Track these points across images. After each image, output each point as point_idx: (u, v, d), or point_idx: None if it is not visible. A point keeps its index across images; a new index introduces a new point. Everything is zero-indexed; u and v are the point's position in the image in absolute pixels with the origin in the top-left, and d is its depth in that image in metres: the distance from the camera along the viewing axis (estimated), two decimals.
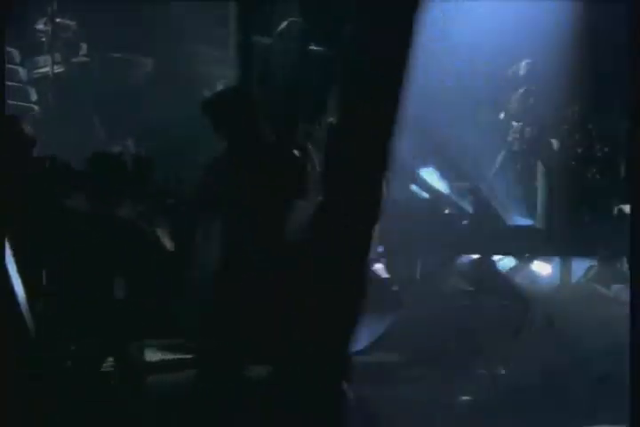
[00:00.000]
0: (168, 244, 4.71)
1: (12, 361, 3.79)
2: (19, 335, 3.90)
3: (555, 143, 8.43)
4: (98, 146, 6.91)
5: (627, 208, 8.31)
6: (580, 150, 8.73)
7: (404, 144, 9.56)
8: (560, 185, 8.31)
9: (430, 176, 8.42)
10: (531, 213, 8.31)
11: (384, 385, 6.05)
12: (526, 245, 7.87)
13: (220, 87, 7.90)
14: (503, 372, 6.44)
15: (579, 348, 6.16)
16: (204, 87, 8.13)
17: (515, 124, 8.49)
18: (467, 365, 6.68)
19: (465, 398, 5.95)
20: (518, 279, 7.69)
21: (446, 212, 8.24)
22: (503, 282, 7.40)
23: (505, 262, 7.88)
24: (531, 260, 7.89)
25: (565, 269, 7.80)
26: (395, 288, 6.78)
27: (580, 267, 7.90)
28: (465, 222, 8.05)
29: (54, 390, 4.24)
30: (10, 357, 3.79)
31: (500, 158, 8.45)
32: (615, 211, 8.34)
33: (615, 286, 7.44)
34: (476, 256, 7.72)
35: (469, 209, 8.14)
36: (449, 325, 7.01)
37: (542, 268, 7.99)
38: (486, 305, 7.17)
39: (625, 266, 7.64)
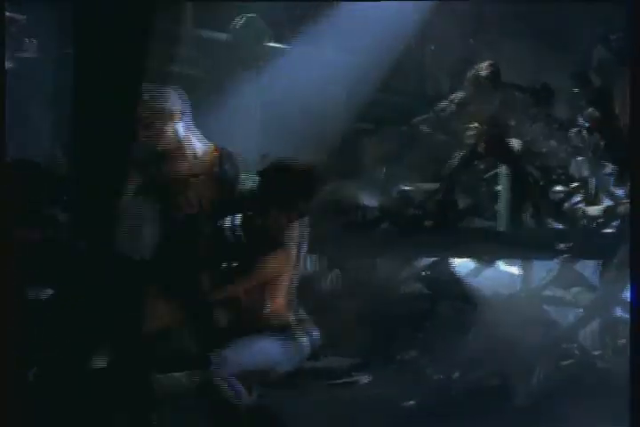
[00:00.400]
0: None
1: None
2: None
3: (517, 144, 8.34)
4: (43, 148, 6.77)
5: (590, 210, 8.23)
6: (543, 151, 8.67)
7: (366, 144, 9.48)
8: (522, 187, 8.23)
9: (392, 177, 8.38)
10: (493, 215, 8.22)
11: (333, 389, 5.95)
12: (487, 248, 7.75)
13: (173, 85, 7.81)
14: (457, 375, 6.34)
15: (528, 351, 6.04)
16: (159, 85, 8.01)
17: (476, 124, 8.40)
18: (420, 369, 6.59)
19: (412, 402, 5.83)
20: (478, 282, 7.57)
21: (407, 213, 8.17)
22: (459, 285, 7.29)
23: (465, 265, 7.76)
24: (492, 262, 7.76)
25: (526, 272, 7.69)
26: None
27: (541, 270, 7.80)
28: (425, 224, 7.97)
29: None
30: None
31: (460, 159, 8.36)
32: (578, 213, 8.26)
33: (574, 289, 7.34)
34: (434, 259, 7.62)
35: (430, 210, 8.05)
36: (403, 328, 6.93)
37: (504, 270, 7.88)
38: (441, 309, 7.07)
39: (585, 269, 7.57)
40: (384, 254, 7.59)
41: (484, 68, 8.19)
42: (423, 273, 7.52)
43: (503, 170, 8.28)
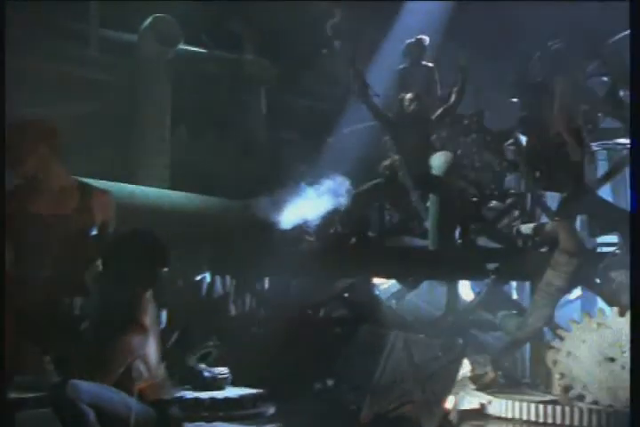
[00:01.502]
0: None
1: None
2: None
3: (446, 158, 8.01)
4: None
5: (524, 228, 7.92)
6: (476, 165, 8.38)
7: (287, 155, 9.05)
8: (452, 207, 7.93)
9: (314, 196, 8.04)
10: (422, 233, 7.88)
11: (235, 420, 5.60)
12: (413, 268, 7.38)
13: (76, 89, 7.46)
14: (372, 404, 5.95)
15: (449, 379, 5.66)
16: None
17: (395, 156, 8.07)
18: (335, 398, 6.21)
19: None
20: (402, 305, 7.23)
21: (331, 232, 7.83)
22: (381, 309, 6.92)
23: (389, 286, 7.41)
24: (417, 284, 7.40)
25: (452, 294, 7.34)
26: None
27: (469, 291, 7.48)
28: (349, 243, 7.62)
29: None
30: None
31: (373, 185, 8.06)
32: (513, 232, 7.95)
33: (501, 313, 7.00)
34: (356, 280, 7.24)
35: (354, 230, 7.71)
36: (320, 355, 6.54)
37: (430, 292, 7.53)
38: (361, 333, 6.69)
39: (513, 292, 7.27)
40: (302, 275, 7.22)
41: (407, 99, 7.90)
42: (344, 295, 7.12)
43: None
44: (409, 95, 7.85)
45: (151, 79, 7.87)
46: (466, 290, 7.87)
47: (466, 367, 5.85)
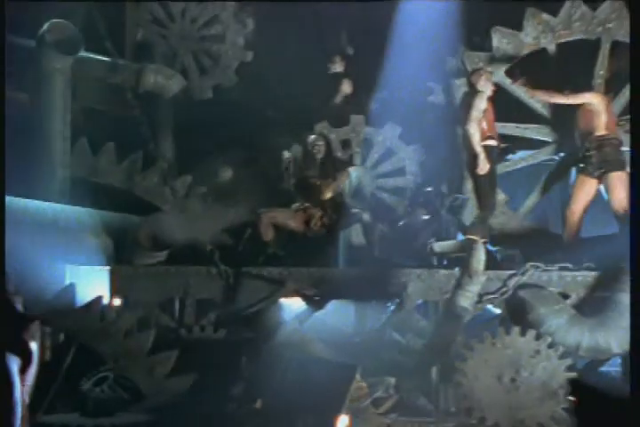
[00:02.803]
0: None
1: None
2: None
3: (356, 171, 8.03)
4: None
5: (437, 246, 7.92)
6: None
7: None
8: (358, 226, 7.93)
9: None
10: (334, 252, 7.85)
11: None
12: (322, 287, 7.32)
13: None
14: None
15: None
16: None
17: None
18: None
19: None
20: (307, 326, 7.15)
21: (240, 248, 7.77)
22: (284, 330, 6.85)
23: (294, 306, 7.33)
24: (324, 304, 7.34)
25: (360, 315, 7.31)
26: None
27: (377, 312, 7.44)
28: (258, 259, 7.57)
29: None
30: None
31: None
32: (428, 250, 7.94)
33: (410, 334, 6.98)
34: (260, 299, 7.16)
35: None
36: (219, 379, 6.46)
37: (338, 313, 7.47)
38: (263, 355, 6.61)
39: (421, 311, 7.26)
40: (203, 293, 7.12)
41: (311, 143, 7.94)
42: (246, 313, 7.04)
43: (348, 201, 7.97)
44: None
45: (50, 87, 7.70)
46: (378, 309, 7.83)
47: (364, 390, 5.79)
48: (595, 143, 7.46)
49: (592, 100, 7.49)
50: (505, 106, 7.84)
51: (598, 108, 7.45)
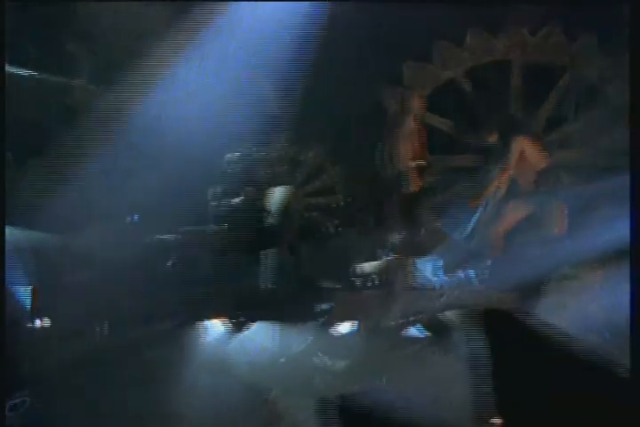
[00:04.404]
0: None
1: None
2: None
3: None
4: None
5: (364, 266, 8.01)
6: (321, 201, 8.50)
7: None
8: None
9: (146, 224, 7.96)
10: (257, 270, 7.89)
11: None
12: (245, 308, 7.37)
13: None
14: None
15: None
16: None
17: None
18: None
19: None
20: (229, 348, 7.17)
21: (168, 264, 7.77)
22: (206, 352, 6.86)
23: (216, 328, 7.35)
24: (247, 325, 7.37)
25: (285, 336, 7.34)
26: None
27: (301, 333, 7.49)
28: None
29: None
30: None
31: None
32: (353, 270, 8.02)
33: (332, 356, 7.02)
34: (180, 320, 7.17)
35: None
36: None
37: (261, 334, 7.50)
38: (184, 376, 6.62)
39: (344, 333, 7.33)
40: (119, 313, 7.11)
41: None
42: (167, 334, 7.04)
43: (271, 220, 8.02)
44: None
45: None
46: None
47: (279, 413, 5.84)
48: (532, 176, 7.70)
49: (523, 146, 7.73)
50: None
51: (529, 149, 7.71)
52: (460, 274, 7.94)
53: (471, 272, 7.85)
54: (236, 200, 7.93)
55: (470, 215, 8.33)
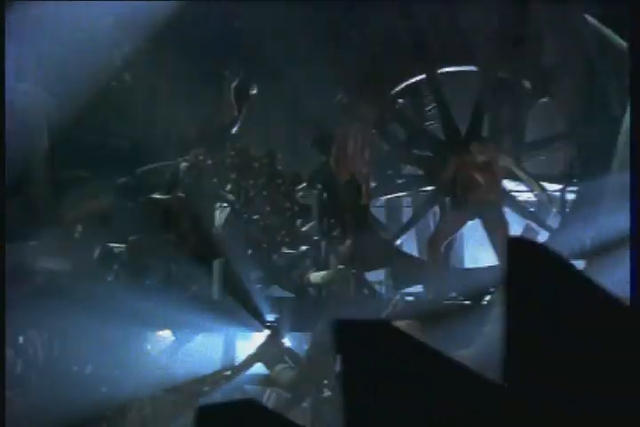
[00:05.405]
0: None
1: None
2: None
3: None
4: None
5: (313, 277, 8.03)
6: (267, 210, 8.48)
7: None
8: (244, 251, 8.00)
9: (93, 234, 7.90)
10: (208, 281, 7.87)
11: None
12: (191, 319, 7.33)
13: None
14: None
15: None
16: None
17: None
18: None
19: None
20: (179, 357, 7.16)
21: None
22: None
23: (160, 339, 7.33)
24: (191, 337, 7.36)
25: (230, 347, 7.36)
26: None
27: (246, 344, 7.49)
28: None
29: None
30: None
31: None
32: (305, 280, 8.04)
33: (278, 366, 7.03)
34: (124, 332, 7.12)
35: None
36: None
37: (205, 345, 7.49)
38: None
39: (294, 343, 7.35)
40: (62, 325, 7.05)
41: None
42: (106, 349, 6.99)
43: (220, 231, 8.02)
44: None
45: None
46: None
47: None
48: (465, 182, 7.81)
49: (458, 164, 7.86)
50: None
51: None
52: (407, 285, 8.01)
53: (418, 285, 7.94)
54: None
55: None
